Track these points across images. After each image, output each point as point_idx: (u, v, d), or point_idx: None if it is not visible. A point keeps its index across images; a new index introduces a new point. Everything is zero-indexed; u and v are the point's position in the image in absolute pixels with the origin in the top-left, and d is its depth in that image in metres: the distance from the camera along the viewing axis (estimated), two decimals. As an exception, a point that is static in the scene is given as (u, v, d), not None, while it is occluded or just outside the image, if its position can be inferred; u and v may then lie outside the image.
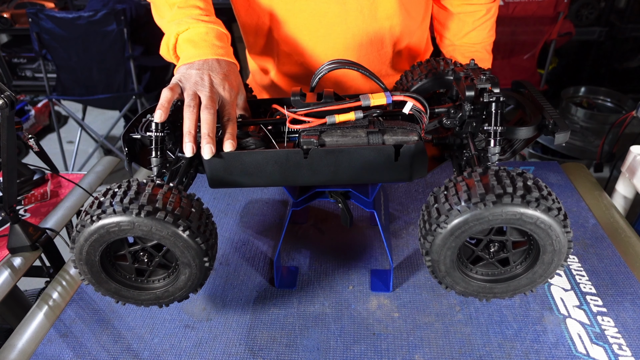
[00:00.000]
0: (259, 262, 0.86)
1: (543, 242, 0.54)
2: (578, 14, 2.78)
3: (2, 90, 0.75)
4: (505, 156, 0.70)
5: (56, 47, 2.39)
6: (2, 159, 0.82)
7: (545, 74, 2.64)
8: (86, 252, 0.57)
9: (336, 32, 0.90)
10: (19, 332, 0.74)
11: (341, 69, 0.68)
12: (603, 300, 0.75)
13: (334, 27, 0.89)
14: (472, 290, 0.60)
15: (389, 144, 0.63)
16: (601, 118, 2.44)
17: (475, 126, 0.66)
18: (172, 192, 0.57)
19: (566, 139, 0.62)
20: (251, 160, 0.64)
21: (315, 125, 0.64)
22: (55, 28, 2.33)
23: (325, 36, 0.90)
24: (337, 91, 0.69)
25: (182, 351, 0.70)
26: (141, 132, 0.67)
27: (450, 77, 0.76)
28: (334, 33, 0.90)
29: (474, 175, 0.54)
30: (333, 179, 0.65)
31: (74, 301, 0.79)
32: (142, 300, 0.63)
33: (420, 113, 0.65)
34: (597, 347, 0.67)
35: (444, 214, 0.54)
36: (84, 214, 0.56)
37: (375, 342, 0.70)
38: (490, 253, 0.59)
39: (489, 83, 0.62)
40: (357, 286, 0.80)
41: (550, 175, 1.06)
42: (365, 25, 0.89)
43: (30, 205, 1.07)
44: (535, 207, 0.51)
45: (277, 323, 0.73)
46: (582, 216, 0.93)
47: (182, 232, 0.56)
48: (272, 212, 0.99)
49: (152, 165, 0.65)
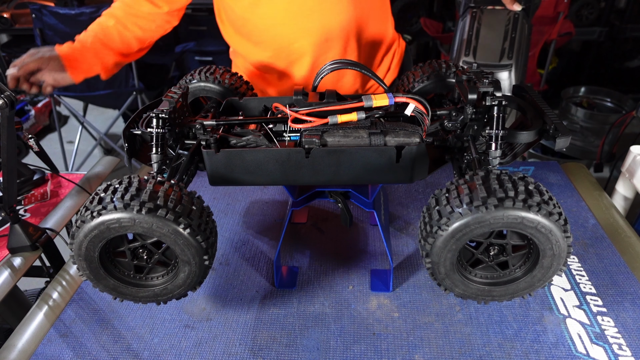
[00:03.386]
0: (259, 262, 0.86)
1: (543, 246, 0.54)
2: (578, 14, 2.79)
3: (2, 90, 0.74)
4: (506, 159, 0.71)
5: (59, 43, 2.39)
6: (2, 159, 0.82)
7: (545, 74, 2.64)
8: (85, 248, 0.57)
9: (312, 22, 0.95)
10: (19, 332, 0.74)
11: (343, 69, 0.68)
12: (603, 300, 0.75)
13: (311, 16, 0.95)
14: (471, 293, 0.60)
15: (391, 145, 0.63)
16: (601, 118, 2.44)
17: (476, 129, 0.66)
18: (174, 189, 0.57)
19: (567, 144, 0.62)
20: (252, 158, 0.64)
21: (317, 125, 0.64)
22: (59, 24, 2.35)
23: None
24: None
25: (182, 351, 0.70)
26: (142, 128, 0.67)
27: (452, 79, 0.76)
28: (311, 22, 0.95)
29: (476, 178, 0.54)
30: (334, 179, 0.65)
31: (74, 301, 0.79)
32: (141, 297, 0.63)
33: (422, 115, 0.65)
34: (597, 347, 0.67)
35: (445, 216, 0.54)
36: (84, 209, 0.56)
37: (375, 342, 0.70)
38: (489, 256, 0.59)
39: (492, 86, 0.62)
40: (357, 286, 0.80)
41: (550, 176, 1.07)
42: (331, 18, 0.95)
43: (30, 205, 1.07)
44: (537, 211, 0.52)
45: (277, 323, 0.74)
46: (582, 216, 0.93)
47: (183, 230, 0.56)
48: (272, 212, 0.99)
49: (153, 161, 0.65)
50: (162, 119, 0.64)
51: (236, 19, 0.99)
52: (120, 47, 1.05)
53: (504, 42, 1.52)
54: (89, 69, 1.04)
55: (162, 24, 1.06)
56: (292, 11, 0.94)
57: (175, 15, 1.07)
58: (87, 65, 1.03)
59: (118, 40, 1.04)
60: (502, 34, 1.53)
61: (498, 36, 1.53)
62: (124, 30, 1.03)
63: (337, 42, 0.98)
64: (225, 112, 0.78)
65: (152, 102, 0.74)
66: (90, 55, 1.03)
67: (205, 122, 0.69)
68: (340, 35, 0.97)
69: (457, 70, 0.75)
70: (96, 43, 1.02)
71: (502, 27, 1.54)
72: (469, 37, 1.56)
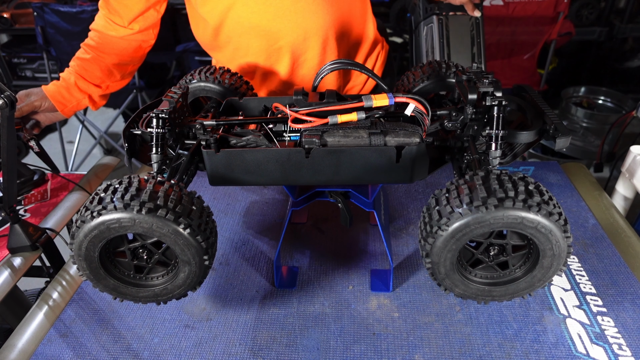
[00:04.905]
0: (259, 262, 0.86)
1: (543, 246, 0.54)
2: (578, 14, 2.79)
3: (2, 90, 0.74)
4: (506, 159, 0.71)
5: (60, 41, 2.45)
6: (2, 159, 0.82)
7: (545, 74, 2.64)
8: (85, 248, 0.57)
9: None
10: (19, 332, 0.74)
11: (343, 69, 0.68)
12: (603, 300, 0.75)
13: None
14: (471, 293, 0.60)
15: (391, 145, 0.63)
16: (601, 118, 2.44)
17: (476, 129, 0.66)
18: (174, 189, 0.57)
19: (567, 144, 0.62)
20: (252, 158, 0.64)
21: (318, 125, 0.64)
22: (60, 22, 2.38)
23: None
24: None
25: (182, 351, 0.70)
26: (142, 128, 0.67)
27: (452, 79, 0.76)
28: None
29: (476, 178, 0.54)
30: (334, 179, 0.65)
31: (74, 301, 0.79)
32: (141, 297, 0.63)
33: (422, 115, 0.65)
34: (597, 347, 0.67)
35: (445, 216, 0.54)
36: (84, 209, 0.56)
37: (375, 342, 0.70)
38: (489, 256, 0.59)
39: (492, 87, 0.62)
40: (357, 286, 0.80)
41: (550, 175, 1.07)
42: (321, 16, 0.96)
43: (30, 205, 1.07)
44: (537, 211, 0.52)
45: (277, 323, 0.74)
46: (582, 216, 0.93)
47: (183, 230, 0.56)
48: (272, 212, 0.99)
49: (153, 161, 0.65)
50: (162, 119, 0.64)
51: (212, 28, 1.00)
52: (102, 78, 1.08)
53: (472, 47, 1.66)
54: (78, 104, 1.08)
55: (137, 45, 1.07)
56: (267, 12, 0.95)
57: (150, 34, 1.08)
58: (76, 101, 1.08)
59: (99, 71, 1.07)
60: (469, 39, 1.66)
61: (466, 42, 1.66)
62: (101, 60, 1.06)
63: (316, 42, 0.99)
64: (225, 112, 0.78)
65: (152, 102, 0.74)
66: (76, 92, 1.06)
67: (205, 122, 0.69)
68: (318, 35, 0.98)
69: (457, 70, 0.75)
70: (79, 79, 1.06)
71: (467, 33, 1.66)
72: (440, 43, 1.65)
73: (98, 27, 1.05)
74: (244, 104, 0.80)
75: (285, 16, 0.95)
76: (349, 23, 1.02)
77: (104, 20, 1.03)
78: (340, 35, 1.01)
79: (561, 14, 2.39)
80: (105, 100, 1.13)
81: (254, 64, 1.04)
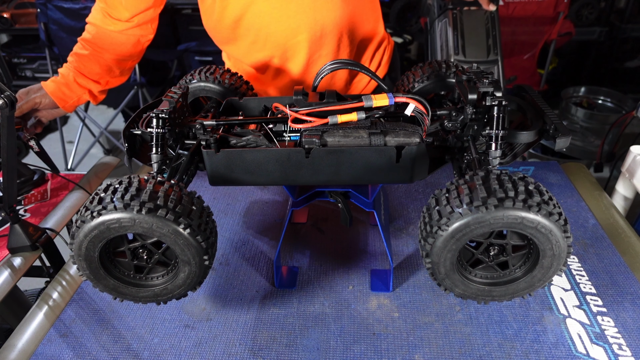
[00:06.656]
0: (259, 262, 0.86)
1: (543, 246, 0.54)
2: (578, 14, 2.79)
3: (2, 90, 0.74)
4: (506, 159, 0.71)
5: (63, 37, 2.48)
6: (2, 159, 0.82)
7: (545, 74, 2.64)
8: (85, 248, 0.57)
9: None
10: (19, 332, 0.74)
11: (343, 69, 0.69)
12: (603, 300, 0.75)
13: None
14: (470, 293, 0.60)
15: (391, 145, 0.63)
16: (601, 118, 2.44)
17: (476, 129, 0.66)
18: (174, 189, 0.57)
19: (567, 144, 0.62)
20: (252, 158, 0.64)
21: (318, 125, 0.64)
22: (64, 18, 2.40)
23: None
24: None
25: (182, 351, 0.70)
26: (142, 128, 0.67)
27: (452, 79, 0.76)
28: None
29: (476, 178, 0.54)
30: (334, 179, 0.65)
31: (74, 301, 0.79)
32: (141, 297, 0.63)
33: (422, 115, 0.65)
34: (597, 347, 0.67)
35: (445, 216, 0.54)
36: (84, 209, 0.56)
37: (375, 342, 0.70)
38: (489, 256, 0.59)
39: (492, 87, 0.62)
40: (357, 286, 0.80)
41: (550, 175, 1.07)
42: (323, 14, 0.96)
43: (30, 205, 1.07)
44: (537, 211, 0.52)
45: (277, 323, 0.74)
46: (582, 216, 0.93)
47: (183, 230, 0.56)
48: (272, 212, 0.99)
49: (153, 161, 0.65)
50: (162, 119, 0.64)
51: (232, 20, 1.00)
52: (101, 74, 1.07)
53: (487, 39, 1.66)
54: (79, 99, 1.08)
55: (135, 40, 1.06)
56: (289, 8, 0.95)
57: (148, 28, 1.07)
58: (76, 96, 1.07)
59: (97, 68, 1.06)
60: (484, 32, 1.67)
61: (481, 34, 1.66)
62: (100, 56, 1.05)
63: (331, 39, 0.99)
64: (225, 112, 0.78)
65: (152, 102, 0.74)
66: (75, 87, 1.06)
67: (205, 122, 0.69)
68: (333, 32, 0.99)
69: (457, 70, 0.75)
70: (78, 76, 1.05)
71: (482, 26, 1.67)
72: (454, 37, 1.65)
73: (95, 21, 1.03)
74: (244, 104, 0.80)
75: (304, 12, 0.96)
76: (362, 20, 1.03)
77: (101, 13, 1.02)
78: (353, 32, 1.02)
79: (561, 14, 2.40)
80: (105, 94, 1.12)
81: (269, 58, 1.04)
